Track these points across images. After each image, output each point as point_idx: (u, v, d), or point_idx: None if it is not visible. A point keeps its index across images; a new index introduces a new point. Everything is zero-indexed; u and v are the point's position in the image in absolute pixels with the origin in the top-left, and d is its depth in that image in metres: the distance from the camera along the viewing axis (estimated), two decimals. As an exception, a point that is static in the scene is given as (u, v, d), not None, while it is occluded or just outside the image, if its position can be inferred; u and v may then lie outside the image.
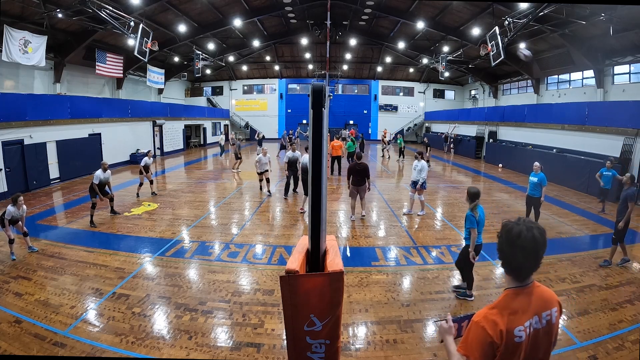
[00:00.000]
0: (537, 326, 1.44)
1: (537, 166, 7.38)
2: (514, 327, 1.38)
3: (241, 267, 5.56)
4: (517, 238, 1.40)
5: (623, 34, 12.88)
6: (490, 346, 1.37)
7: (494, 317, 1.39)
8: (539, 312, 1.45)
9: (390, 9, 20.21)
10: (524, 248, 1.39)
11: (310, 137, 1.77)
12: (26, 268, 5.38)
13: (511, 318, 1.39)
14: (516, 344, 1.38)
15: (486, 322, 1.39)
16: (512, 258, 1.43)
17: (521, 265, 1.43)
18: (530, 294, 1.46)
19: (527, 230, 1.40)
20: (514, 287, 1.47)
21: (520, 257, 1.41)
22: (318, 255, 1.91)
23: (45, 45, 13.37)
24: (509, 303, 1.44)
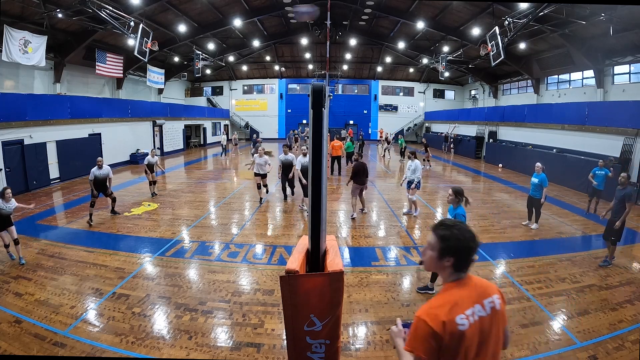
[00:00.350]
0: (481, 314, 1.47)
1: (538, 167, 7.39)
2: (454, 316, 1.41)
3: (241, 267, 5.56)
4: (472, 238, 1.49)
5: (623, 34, 12.88)
6: (434, 338, 1.39)
7: (435, 310, 1.43)
8: (480, 300, 1.49)
9: (390, 9, 20.21)
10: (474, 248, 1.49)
11: (310, 137, 1.77)
12: (26, 268, 5.38)
13: (452, 308, 1.43)
14: (460, 332, 1.40)
15: (427, 316, 1.42)
16: (466, 258, 1.49)
17: (467, 258, 1.49)
18: (468, 284, 1.51)
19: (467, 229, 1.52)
20: (453, 280, 1.52)
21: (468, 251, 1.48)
22: (318, 255, 1.91)
23: (45, 45, 13.38)
24: (449, 295, 1.49)
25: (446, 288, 1.52)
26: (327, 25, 17.90)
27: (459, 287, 1.50)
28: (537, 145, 15.51)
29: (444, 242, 1.49)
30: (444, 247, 1.49)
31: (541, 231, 7.40)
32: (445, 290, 1.52)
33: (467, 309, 1.45)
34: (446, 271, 1.52)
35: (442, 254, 1.50)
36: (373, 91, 31.25)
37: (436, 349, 1.40)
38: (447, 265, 1.50)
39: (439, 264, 1.52)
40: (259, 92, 31.59)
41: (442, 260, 1.50)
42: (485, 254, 6.14)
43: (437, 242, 1.51)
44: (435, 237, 1.53)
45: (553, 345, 3.68)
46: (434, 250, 1.52)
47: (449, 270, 1.52)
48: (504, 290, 4.89)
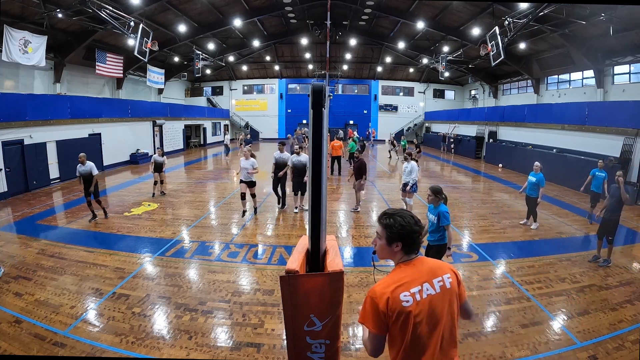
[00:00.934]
0: (430, 292, 1.57)
1: (537, 166, 7.41)
2: (398, 294, 1.53)
3: (241, 267, 5.56)
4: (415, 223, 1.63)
5: (623, 34, 12.88)
6: (378, 314, 1.53)
7: (381, 288, 1.56)
8: (430, 279, 1.60)
9: (390, 9, 20.21)
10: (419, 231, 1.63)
11: (310, 137, 1.77)
12: (26, 268, 5.37)
13: (397, 286, 1.55)
14: (404, 308, 1.52)
15: (373, 294, 1.56)
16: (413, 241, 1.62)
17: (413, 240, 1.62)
18: (416, 265, 1.63)
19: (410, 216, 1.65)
20: (403, 262, 1.64)
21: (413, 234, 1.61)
22: (318, 255, 1.91)
23: (45, 45, 13.37)
24: (396, 275, 1.61)
25: (396, 269, 1.64)
26: (327, 25, 17.90)
27: (407, 267, 1.62)
28: (537, 145, 15.51)
29: (389, 230, 1.62)
30: (390, 235, 1.62)
31: (541, 231, 7.40)
32: (394, 271, 1.64)
33: (413, 287, 1.56)
34: (397, 256, 1.65)
35: (389, 240, 1.63)
36: (373, 91, 31.24)
37: (383, 323, 1.54)
38: (396, 250, 1.63)
39: (390, 250, 1.65)
40: (259, 92, 31.58)
41: (392, 246, 1.63)
42: (485, 254, 6.14)
43: (384, 231, 1.64)
44: (381, 227, 1.66)
45: (553, 345, 3.68)
46: (382, 239, 1.65)
47: (399, 255, 1.64)
48: (504, 290, 4.89)
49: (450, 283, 1.62)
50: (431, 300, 1.56)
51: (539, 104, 18.56)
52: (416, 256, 1.65)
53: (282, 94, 31.00)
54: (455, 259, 5.95)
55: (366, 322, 1.57)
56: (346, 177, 13.69)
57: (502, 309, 4.40)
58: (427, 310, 1.54)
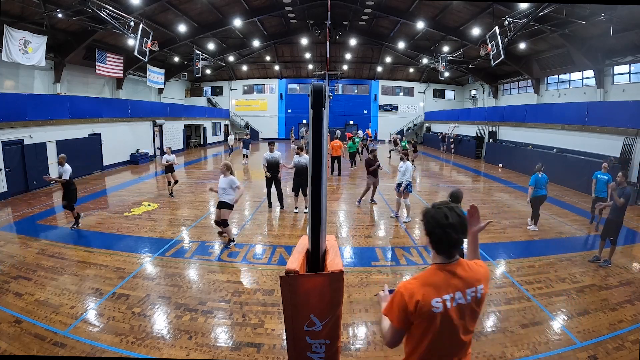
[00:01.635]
0: (461, 301, 1.55)
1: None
2: (430, 299, 1.51)
3: (241, 267, 5.56)
4: (446, 219, 1.52)
5: (623, 34, 12.88)
6: (405, 312, 1.52)
7: (413, 288, 1.53)
8: (464, 289, 1.56)
9: (390, 9, 20.21)
10: (454, 226, 1.52)
11: (310, 137, 1.77)
12: (26, 268, 5.37)
13: (429, 290, 1.52)
14: (433, 314, 1.51)
15: (405, 291, 1.53)
16: (445, 238, 1.54)
17: (453, 243, 1.54)
18: (453, 270, 1.57)
19: (449, 210, 1.55)
20: (439, 263, 1.59)
21: (453, 236, 1.52)
22: (318, 255, 1.91)
23: (45, 45, 13.37)
24: (430, 277, 1.57)
25: (432, 269, 1.60)
26: (327, 25, 17.90)
27: (444, 271, 1.57)
28: (537, 145, 15.51)
29: (423, 220, 1.61)
30: (424, 224, 1.60)
31: (541, 231, 7.40)
32: (430, 271, 1.59)
33: (446, 294, 1.53)
34: (431, 249, 1.61)
35: (424, 230, 1.61)
36: (373, 91, 31.25)
37: (408, 320, 1.54)
38: (426, 242, 1.61)
39: (425, 240, 1.62)
40: (259, 92, 31.58)
41: (424, 236, 1.62)
42: (485, 253, 6.14)
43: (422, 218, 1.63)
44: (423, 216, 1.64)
45: (553, 345, 3.69)
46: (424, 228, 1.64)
47: (432, 248, 1.60)
48: (504, 290, 4.89)
49: (481, 294, 1.61)
50: (459, 308, 1.56)
51: (539, 104, 18.56)
52: (455, 260, 1.59)
53: (282, 94, 31.00)
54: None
55: (390, 316, 1.58)
56: (347, 178, 13.70)
57: (502, 309, 4.40)
58: (453, 318, 1.54)
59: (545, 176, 7.30)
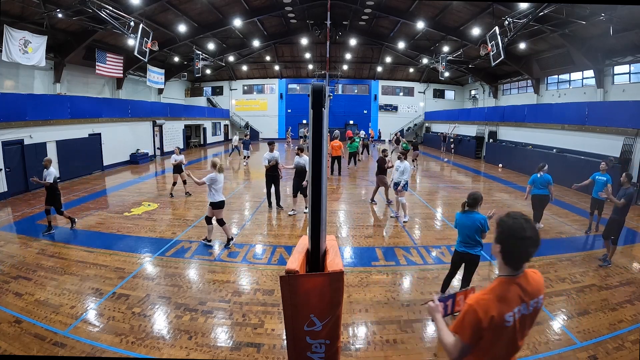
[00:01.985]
0: (524, 312, 1.56)
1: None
2: (504, 314, 1.50)
3: (241, 267, 5.56)
4: (523, 231, 1.50)
5: (623, 34, 12.88)
6: (479, 328, 1.50)
7: (487, 303, 1.50)
8: (528, 300, 1.57)
9: (390, 9, 20.21)
10: (530, 239, 1.50)
11: (310, 137, 1.77)
12: (26, 268, 5.37)
13: (502, 305, 1.50)
14: (504, 328, 1.51)
15: (479, 307, 1.50)
16: (518, 250, 1.52)
17: (525, 255, 1.53)
18: (521, 282, 1.57)
19: (526, 222, 1.53)
20: (508, 276, 1.57)
21: (527, 248, 1.51)
22: (318, 255, 1.90)
23: (45, 45, 13.37)
24: (502, 290, 1.54)
25: (500, 281, 1.57)
26: (327, 25, 17.90)
27: (512, 283, 1.55)
28: (537, 145, 15.51)
29: (498, 228, 1.58)
30: (497, 233, 1.58)
31: (541, 231, 7.38)
32: (499, 284, 1.57)
33: (515, 307, 1.53)
34: (498, 259, 1.59)
35: (495, 239, 1.59)
36: (373, 91, 31.25)
37: (478, 337, 1.51)
38: (496, 251, 1.57)
39: (494, 248, 1.60)
40: (259, 92, 31.58)
41: (495, 244, 1.59)
42: (485, 253, 6.14)
43: (496, 227, 1.61)
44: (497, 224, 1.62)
45: (553, 345, 3.69)
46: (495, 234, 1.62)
47: (500, 259, 1.58)
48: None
49: (541, 304, 1.63)
50: (522, 319, 1.56)
51: (539, 104, 18.56)
52: (522, 273, 1.58)
53: (282, 94, 31.00)
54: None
55: (461, 333, 1.54)
56: (347, 178, 13.70)
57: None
58: (517, 328, 1.55)
59: (546, 176, 7.14)
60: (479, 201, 4.15)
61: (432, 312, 1.76)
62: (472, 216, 4.09)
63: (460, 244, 4.22)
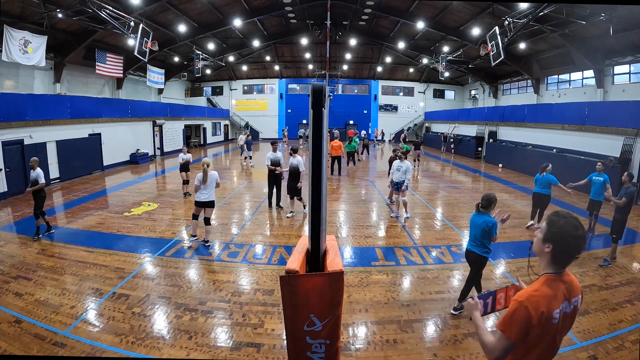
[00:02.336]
0: (566, 310, 1.58)
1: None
2: (552, 310, 1.51)
3: (241, 267, 5.56)
4: (576, 230, 1.52)
5: (623, 34, 12.88)
6: (528, 325, 1.48)
7: (537, 299, 1.50)
8: (570, 298, 1.59)
9: (390, 9, 20.21)
10: (582, 237, 1.53)
11: (310, 137, 1.77)
12: (26, 268, 5.37)
13: (551, 301, 1.51)
14: (551, 325, 1.52)
15: (529, 303, 1.49)
16: (571, 249, 1.54)
17: (576, 253, 1.55)
18: (565, 281, 1.59)
19: (576, 220, 1.55)
20: (553, 273, 1.58)
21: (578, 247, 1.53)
22: (318, 255, 1.90)
23: (45, 45, 13.37)
24: (549, 287, 1.55)
25: (546, 279, 1.58)
26: (327, 25, 17.90)
27: (558, 281, 1.57)
28: (537, 145, 15.51)
29: (549, 228, 1.58)
30: (548, 233, 1.58)
31: (541, 231, 7.38)
32: (545, 281, 1.57)
33: (561, 304, 1.55)
34: (545, 257, 1.60)
35: (545, 238, 1.59)
36: (373, 91, 31.25)
37: (526, 334, 1.50)
38: (546, 251, 1.58)
39: (541, 248, 1.61)
40: (259, 92, 31.59)
41: (544, 244, 1.59)
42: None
43: (545, 226, 1.61)
44: (544, 222, 1.63)
45: (553, 345, 3.68)
46: (542, 233, 1.62)
47: (548, 258, 1.59)
48: (504, 290, 4.88)
49: (580, 303, 1.64)
50: (564, 317, 1.57)
51: (539, 104, 18.56)
52: (565, 271, 1.60)
53: (282, 94, 31.00)
54: (455, 259, 5.95)
55: (508, 331, 1.51)
56: (346, 178, 13.70)
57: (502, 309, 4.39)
58: (560, 326, 1.56)
59: (548, 176, 7.18)
60: (492, 203, 4.16)
61: (472, 310, 1.75)
62: (483, 217, 4.13)
63: (469, 242, 4.30)
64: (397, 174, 7.98)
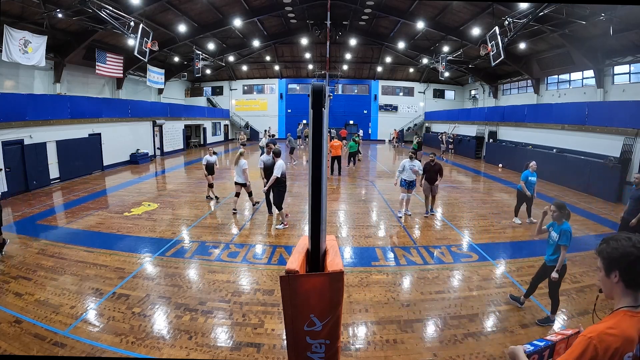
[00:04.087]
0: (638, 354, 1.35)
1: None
2: (624, 353, 1.30)
3: (241, 267, 5.56)
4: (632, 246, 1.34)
5: (623, 34, 12.88)
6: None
7: (610, 338, 1.30)
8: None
9: (390, 9, 20.22)
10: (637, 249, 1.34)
11: (310, 137, 1.77)
12: (26, 268, 5.38)
13: (625, 343, 1.30)
14: None
15: (600, 342, 1.29)
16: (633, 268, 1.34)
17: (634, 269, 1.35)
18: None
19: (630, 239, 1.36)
20: (630, 308, 1.37)
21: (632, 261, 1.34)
22: (318, 255, 1.90)
23: (45, 45, 13.36)
24: (625, 325, 1.34)
25: (625, 316, 1.36)
26: (327, 25, 17.90)
27: (635, 318, 1.34)
28: (537, 145, 15.51)
29: (602, 256, 1.41)
30: (604, 262, 1.41)
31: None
32: (621, 318, 1.36)
33: (635, 347, 1.33)
34: (617, 289, 1.39)
35: (606, 270, 1.40)
36: (373, 91, 31.25)
37: None
38: (615, 281, 1.38)
39: (609, 283, 1.40)
40: (259, 92, 31.59)
41: (610, 277, 1.39)
42: (485, 253, 6.15)
43: (600, 260, 1.43)
44: (598, 256, 1.44)
45: (553, 345, 3.68)
46: (601, 270, 1.43)
47: (620, 288, 1.38)
48: (504, 290, 4.89)
49: None
50: None
51: (539, 104, 18.55)
52: None
53: (282, 94, 31.00)
54: (455, 259, 5.96)
55: None
56: (346, 178, 13.69)
57: (502, 309, 4.40)
58: None
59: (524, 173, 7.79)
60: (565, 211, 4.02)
61: None
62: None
63: None
64: (407, 173, 8.17)
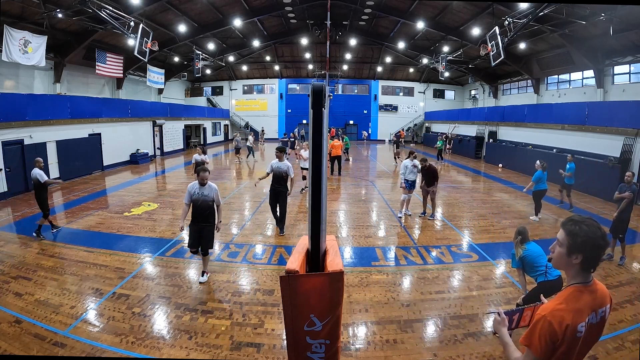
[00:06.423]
0: (592, 321, 1.50)
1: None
2: (577, 323, 1.44)
3: (241, 267, 5.56)
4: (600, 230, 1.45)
5: (623, 34, 12.89)
6: (553, 340, 1.43)
7: (561, 312, 1.44)
8: (597, 308, 1.51)
9: (390, 9, 20.23)
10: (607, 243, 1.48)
11: (310, 137, 1.77)
12: (26, 268, 5.37)
13: (576, 314, 1.44)
14: (576, 339, 1.45)
15: (553, 317, 1.43)
16: (595, 256, 1.46)
17: (596, 256, 1.47)
18: (592, 291, 1.51)
19: (597, 223, 1.47)
20: (580, 284, 1.50)
21: (605, 247, 1.47)
22: (318, 255, 1.90)
23: (45, 45, 13.37)
24: (575, 300, 1.48)
25: (574, 290, 1.50)
26: (327, 25, 17.90)
27: (584, 292, 1.49)
28: (537, 145, 15.51)
29: (572, 239, 1.47)
30: (572, 244, 1.47)
31: (541, 231, 7.40)
32: (571, 293, 1.50)
33: (587, 316, 1.47)
34: (573, 269, 1.51)
35: (570, 251, 1.48)
36: (373, 91, 31.26)
37: (551, 349, 1.43)
38: (575, 262, 1.48)
39: (567, 261, 1.50)
40: (259, 92, 31.60)
41: (571, 257, 1.48)
42: (485, 253, 6.14)
43: (566, 238, 1.49)
44: (564, 233, 1.50)
45: (553, 345, 3.68)
46: (563, 247, 1.50)
47: (576, 269, 1.50)
48: (504, 290, 4.89)
49: (608, 314, 1.56)
50: (590, 328, 1.50)
51: (539, 104, 18.55)
52: (592, 280, 1.52)
53: (282, 94, 31.01)
54: (455, 259, 5.96)
55: (533, 346, 1.45)
56: (346, 178, 13.69)
57: (502, 309, 4.39)
58: (586, 338, 1.49)
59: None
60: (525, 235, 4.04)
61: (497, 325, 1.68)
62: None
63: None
64: (412, 175, 8.24)
